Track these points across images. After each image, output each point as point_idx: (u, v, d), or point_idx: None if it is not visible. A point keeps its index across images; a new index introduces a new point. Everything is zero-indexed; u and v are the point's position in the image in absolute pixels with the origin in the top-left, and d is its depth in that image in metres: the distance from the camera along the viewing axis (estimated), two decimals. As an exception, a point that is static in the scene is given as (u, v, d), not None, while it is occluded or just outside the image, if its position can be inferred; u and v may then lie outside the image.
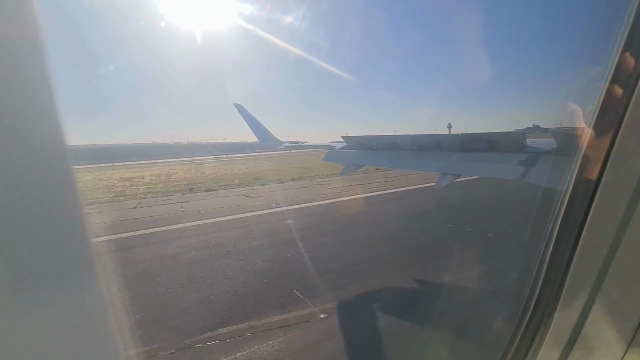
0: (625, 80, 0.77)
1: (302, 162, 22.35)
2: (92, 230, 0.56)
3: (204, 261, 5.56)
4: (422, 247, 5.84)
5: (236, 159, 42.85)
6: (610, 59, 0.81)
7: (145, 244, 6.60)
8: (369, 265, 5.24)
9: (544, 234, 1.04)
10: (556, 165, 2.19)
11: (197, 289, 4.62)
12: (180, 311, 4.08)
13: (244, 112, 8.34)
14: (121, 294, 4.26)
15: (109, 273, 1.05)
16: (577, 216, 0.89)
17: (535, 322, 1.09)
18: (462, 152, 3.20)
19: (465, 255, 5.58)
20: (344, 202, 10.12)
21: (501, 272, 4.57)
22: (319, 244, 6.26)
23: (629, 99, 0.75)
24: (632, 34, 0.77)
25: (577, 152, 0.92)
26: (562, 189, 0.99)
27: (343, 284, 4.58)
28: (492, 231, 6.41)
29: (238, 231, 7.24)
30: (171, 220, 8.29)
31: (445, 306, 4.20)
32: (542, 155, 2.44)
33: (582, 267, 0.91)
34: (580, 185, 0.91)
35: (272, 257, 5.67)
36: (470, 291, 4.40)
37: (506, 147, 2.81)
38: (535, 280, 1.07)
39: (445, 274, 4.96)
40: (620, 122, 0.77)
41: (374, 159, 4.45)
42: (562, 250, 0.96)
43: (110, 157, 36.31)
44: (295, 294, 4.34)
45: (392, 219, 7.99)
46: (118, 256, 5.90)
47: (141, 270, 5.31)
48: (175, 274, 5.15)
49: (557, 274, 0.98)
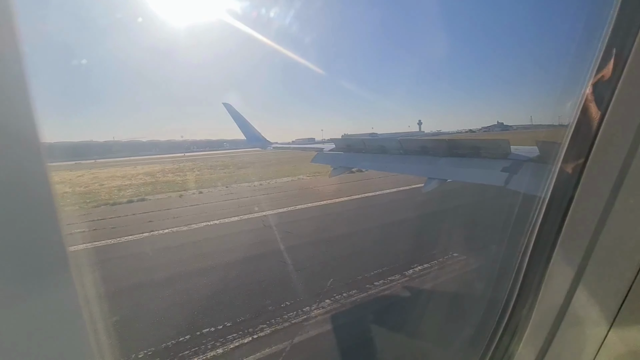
0: (601, 93, 0.80)
1: (266, 162, 22.54)
2: (65, 228, 0.55)
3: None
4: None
5: (195, 158, 42.47)
6: (588, 70, 0.84)
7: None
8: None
9: (522, 239, 1.07)
10: (537, 173, 2.25)
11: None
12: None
13: (232, 112, 8.25)
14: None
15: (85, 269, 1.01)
16: (555, 221, 0.92)
17: (513, 322, 1.12)
18: (448, 157, 3.25)
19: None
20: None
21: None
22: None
23: (605, 110, 0.78)
24: (605, 56, 0.80)
25: (557, 159, 0.95)
26: (541, 195, 1.02)
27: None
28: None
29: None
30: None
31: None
32: (525, 163, 2.50)
33: (559, 272, 0.94)
34: (558, 191, 0.94)
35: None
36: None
37: (491, 153, 2.87)
38: (512, 285, 1.10)
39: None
40: (596, 133, 0.80)
41: (362, 161, 4.47)
42: (539, 255, 0.99)
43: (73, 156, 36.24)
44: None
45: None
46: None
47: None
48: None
49: (534, 280, 1.01)
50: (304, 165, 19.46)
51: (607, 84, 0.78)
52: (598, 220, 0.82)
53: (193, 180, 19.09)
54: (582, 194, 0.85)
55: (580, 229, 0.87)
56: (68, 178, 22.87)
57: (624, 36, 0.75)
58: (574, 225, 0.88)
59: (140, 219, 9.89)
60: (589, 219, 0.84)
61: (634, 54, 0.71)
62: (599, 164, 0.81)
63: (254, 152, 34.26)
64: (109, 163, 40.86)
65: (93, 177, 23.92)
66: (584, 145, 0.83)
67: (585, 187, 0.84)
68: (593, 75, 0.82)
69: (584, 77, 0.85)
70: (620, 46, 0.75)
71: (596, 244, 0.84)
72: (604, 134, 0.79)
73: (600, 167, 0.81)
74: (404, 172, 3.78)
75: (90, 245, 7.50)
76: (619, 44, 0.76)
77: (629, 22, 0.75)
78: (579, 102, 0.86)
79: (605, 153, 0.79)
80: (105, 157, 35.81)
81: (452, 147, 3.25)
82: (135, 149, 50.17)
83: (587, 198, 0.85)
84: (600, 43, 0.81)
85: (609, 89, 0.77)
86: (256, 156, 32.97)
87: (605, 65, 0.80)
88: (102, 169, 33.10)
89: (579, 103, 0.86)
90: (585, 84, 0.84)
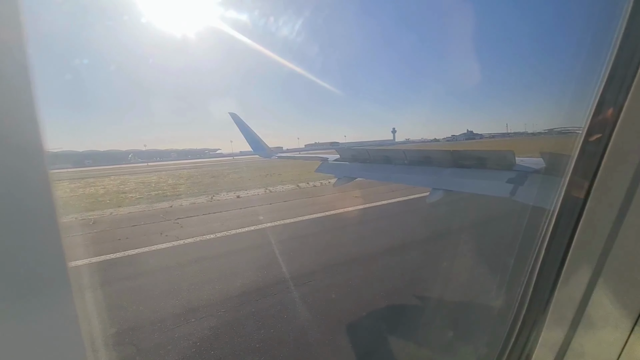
0: (611, 103, 0.79)
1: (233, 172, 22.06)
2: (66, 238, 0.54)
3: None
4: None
5: (158, 168, 42.62)
6: (597, 84, 0.83)
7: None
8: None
9: (531, 252, 1.05)
10: (544, 184, 2.22)
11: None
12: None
13: (238, 121, 8.34)
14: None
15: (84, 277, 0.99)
16: (565, 234, 0.90)
17: (522, 339, 1.08)
18: (452, 167, 3.23)
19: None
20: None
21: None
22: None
23: (614, 123, 0.76)
24: (614, 68, 0.79)
25: (564, 172, 0.94)
26: (550, 208, 1.00)
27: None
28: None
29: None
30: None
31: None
32: (530, 174, 2.48)
33: (569, 288, 0.91)
34: (568, 204, 0.92)
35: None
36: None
37: (496, 164, 2.85)
38: (521, 301, 1.07)
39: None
40: (605, 146, 0.78)
41: (366, 172, 4.46)
42: (549, 269, 0.96)
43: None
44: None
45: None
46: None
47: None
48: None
49: (543, 296, 0.98)
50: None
51: (616, 95, 0.77)
52: (609, 231, 0.80)
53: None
54: (594, 204, 0.83)
55: (592, 241, 0.85)
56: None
57: (634, 41, 0.74)
58: (585, 237, 0.86)
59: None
60: (600, 230, 0.82)
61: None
62: (611, 173, 0.79)
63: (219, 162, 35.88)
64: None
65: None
66: (595, 156, 0.81)
67: (596, 197, 0.83)
68: (603, 83, 0.81)
69: (592, 84, 0.84)
70: (631, 50, 0.74)
71: (607, 257, 0.82)
72: (615, 144, 0.77)
73: (613, 177, 0.79)
74: (408, 182, 3.76)
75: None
76: (630, 49, 0.75)
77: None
78: (588, 113, 0.85)
79: (618, 163, 0.78)
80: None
81: (456, 157, 3.24)
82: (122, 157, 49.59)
83: (598, 208, 0.83)
84: (605, 53, 0.81)
85: (619, 99, 0.76)
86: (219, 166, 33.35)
87: (614, 75, 0.79)
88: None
89: (589, 113, 0.85)
90: (595, 93, 0.83)
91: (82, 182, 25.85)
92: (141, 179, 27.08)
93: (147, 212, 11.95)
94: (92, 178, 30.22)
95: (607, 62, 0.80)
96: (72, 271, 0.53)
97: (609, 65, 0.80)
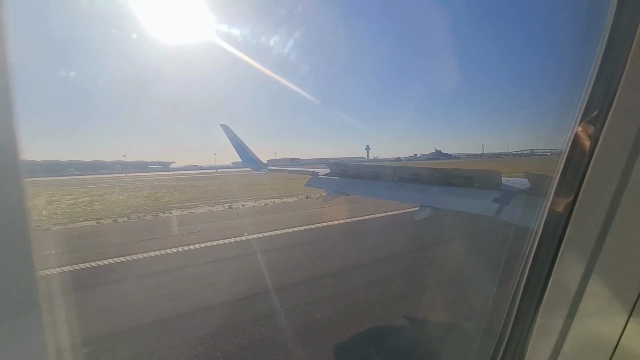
0: (593, 124, 0.82)
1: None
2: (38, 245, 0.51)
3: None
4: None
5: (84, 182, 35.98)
6: (577, 107, 0.86)
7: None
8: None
9: (516, 270, 1.05)
10: (528, 204, 2.26)
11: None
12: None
13: (229, 133, 8.31)
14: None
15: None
16: (548, 253, 0.91)
17: (509, 353, 1.08)
18: (440, 185, 3.27)
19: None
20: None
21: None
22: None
23: (595, 143, 0.79)
24: (593, 91, 0.82)
25: (548, 191, 0.96)
26: (534, 227, 1.01)
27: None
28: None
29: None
30: None
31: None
32: (515, 194, 2.52)
33: (553, 306, 0.91)
34: (550, 223, 0.94)
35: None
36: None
37: (482, 183, 2.90)
38: (506, 320, 1.07)
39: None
40: (587, 165, 0.81)
41: (355, 187, 4.47)
42: (534, 287, 0.97)
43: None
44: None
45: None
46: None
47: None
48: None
49: (527, 316, 0.98)
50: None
51: (596, 117, 0.80)
52: (592, 249, 0.81)
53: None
54: (576, 223, 0.85)
55: (575, 260, 0.86)
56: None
57: (613, 62, 0.77)
58: (568, 256, 0.87)
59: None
60: (583, 248, 0.83)
61: (623, 82, 0.73)
62: (592, 194, 0.81)
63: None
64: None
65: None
66: (576, 177, 0.83)
67: (578, 217, 0.84)
68: (583, 106, 0.84)
69: (572, 106, 0.88)
70: (610, 74, 0.77)
71: (591, 275, 0.83)
72: (595, 165, 0.79)
73: (594, 197, 0.81)
74: (396, 199, 3.78)
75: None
76: (609, 70, 0.78)
77: (617, 52, 0.77)
78: (569, 135, 0.87)
79: (598, 184, 0.80)
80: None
81: (444, 176, 3.29)
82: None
83: (580, 227, 0.85)
84: (583, 82, 0.84)
85: (599, 121, 0.78)
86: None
87: (593, 99, 0.82)
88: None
89: (569, 136, 0.87)
90: (576, 115, 0.86)
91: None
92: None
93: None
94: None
95: (587, 85, 0.83)
96: (42, 280, 0.51)
97: (589, 89, 0.83)
